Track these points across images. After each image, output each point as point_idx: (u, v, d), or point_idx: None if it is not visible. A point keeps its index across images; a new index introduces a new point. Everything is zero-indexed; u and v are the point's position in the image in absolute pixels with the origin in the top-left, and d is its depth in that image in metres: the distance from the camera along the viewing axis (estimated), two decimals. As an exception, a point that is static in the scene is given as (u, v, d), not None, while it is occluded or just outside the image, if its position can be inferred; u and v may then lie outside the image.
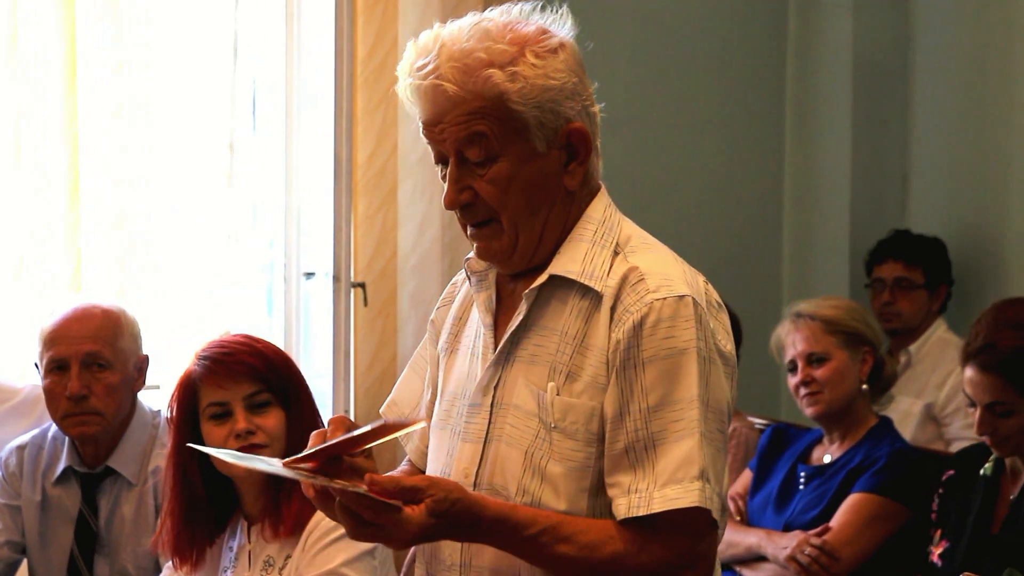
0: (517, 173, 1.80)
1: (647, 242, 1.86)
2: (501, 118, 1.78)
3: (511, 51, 1.78)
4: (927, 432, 4.10)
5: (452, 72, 1.77)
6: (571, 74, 1.81)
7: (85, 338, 2.99)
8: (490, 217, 1.82)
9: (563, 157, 1.82)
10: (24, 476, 3.07)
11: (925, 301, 4.25)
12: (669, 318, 1.75)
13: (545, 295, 1.84)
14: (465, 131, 1.78)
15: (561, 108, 1.80)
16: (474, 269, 1.91)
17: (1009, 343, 2.86)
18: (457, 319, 1.97)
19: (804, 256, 4.77)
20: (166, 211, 3.78)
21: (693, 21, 4.63)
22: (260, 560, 2.44)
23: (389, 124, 3.98)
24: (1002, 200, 4.32)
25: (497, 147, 1.79)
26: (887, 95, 4.61)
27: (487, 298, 1.89)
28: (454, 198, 1.81)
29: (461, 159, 1.81)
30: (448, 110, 1.78)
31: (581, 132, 1.82)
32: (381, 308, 4.00)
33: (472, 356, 1.91)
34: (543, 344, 1.82)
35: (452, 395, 1.92)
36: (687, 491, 1.72)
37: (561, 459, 1.79)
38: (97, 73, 3.63)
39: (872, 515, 3.16)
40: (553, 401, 1.79)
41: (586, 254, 1.82)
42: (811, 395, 3.32)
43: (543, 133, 1.79)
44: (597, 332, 1.79)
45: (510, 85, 1.77)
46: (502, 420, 1.84)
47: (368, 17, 3.95)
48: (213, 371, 2.44)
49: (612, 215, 1.87)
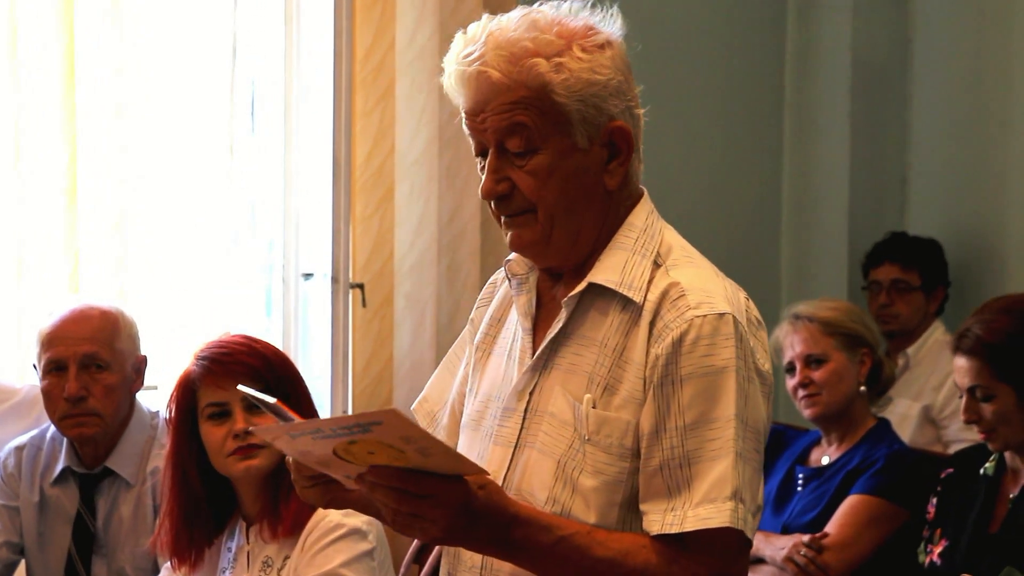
0: (557, 166, 1.78)
1: (689, 255, 1.84)
2: (544, 109, 1.76)
3: (558, 43, 1.77)
4: (925, 434, 4.11)
5: (497, 60, 1.76)
6: (617, 72, 1.80)
7: (83, 339, 2.98)
8: (525, 209, 1.80)
9: (604, 155, 1.80)
10: (22, 477, 3.07)
11: (922, 303, 4.25)
12: (709, 335, 1.73)
13: (585, 303, 1.82)
14: (507, 120, 1.77)
15: (605, 104, 1.78)
16: (514, 272, 1.90)
17: (987, 327, 2.88)
18: (495, 319, 1.96)
19: (803, 258, 4.77)
20: (165, 212, 3.77)
21: (691, 23, 4.63)
22: (259, 561, 2.44)
23: (387, 125, 3.98)
24: (1001, 202, 4.32)
25: (538, 139, 1.77)
26: (886, 97, 4.61)
27: (527, 302, 1.88)
28: (491, 188, 1.80)
29: (501, 150, 1.79)
30: (491, 98, 1.77)
31: (624, 131, 1.80)
32: (379, 309, 4.00)
33: (508, 359, 1.89)
34: (582, 354, 1.80)
35: (486, 396, 1.91)
36: (719, 511, 1.70)
37: (594, 472, 1.77)
38: (96, 74, 3.63)
39: (870, 517, 3.16)
40: (588, 414, 1.77)
41: (626, 263, 1.80)
42: (809, 397, 3.32)
43: (585, 128, 1.78)
44: (635, 347, 1.77)
45: (555, 76, 1.76)
46: (536, 427, 1.82)
47: (366, 18, 3.95)
48: (212, 371, 2.44)
49: (654, 223, 1.85)
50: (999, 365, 2.87)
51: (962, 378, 2.93)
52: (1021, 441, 2.90)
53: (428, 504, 1.61)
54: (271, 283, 4.14)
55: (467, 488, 1.63)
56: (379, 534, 2.45)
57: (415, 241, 3.99)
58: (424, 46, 3.91)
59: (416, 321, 3.96)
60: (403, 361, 3.99)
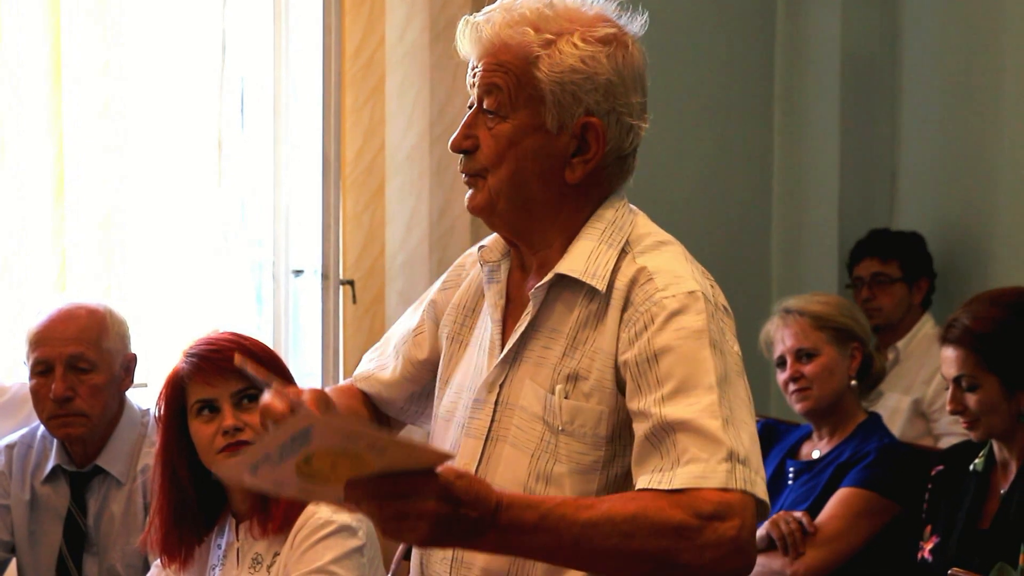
0: (518, 139, 1.79)
1: (661, 239, 1.84)
2: (522, 79, 1.78)
3: (562, 24, 1.79)
4: (915, 427, 4.12)
5: (499, 20, 1.79)
6: (613, 72, 1.80)
7: (69, 340, 2.97)
8: (479, 171, 1.82)
9: (572, 146, 1.80)
10: (13, 475, 3.07)
11: (905, 295, 4.28)
12: (680, 310, 1.73)
13: (552, 296, 1.82)
14: (488, 79, 1.80)
15: (584, 96, 1.78)
16: (487, 259, 1.90)
17: (974, 317, 2.89)
18: (468, 309, 1.96)
19: (793, 253, 4.78)
20: (154, 209, 3.77)
21: (680, 19, 4.63)
22: (248, 558, 2.44)
23: (377, 122, 3.98)
24: (990, 197, 4.33)
25: (508, 106, 1.79)
26: (875, 92, 4.62)
27: (497, 293, 1.88)
28: (458, 141, 1.82)
29: (481, 108, 1.81)
30: (483, 54, 1.80)
31: (597, 129, 1.80)
32: (369, 305, 4.00)
33: (480, 349, 1.90)
34: (550, 347, 1.81)
35: (459, 386, 1.91)
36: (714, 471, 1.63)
37: (568, 461, 1.78)
38: (82, 71, 3.62)
39: (861, 510, 3.17)
40: (561, 404, 1.78)
41: (591, 253, 1.81)
42: (800, 391, 3.33)
43: (557, 112, 1.78)
44: (604, 336, 1.77)
45: (541, 51, 1.78)
46: (507, 420, 1.82)
47: (355, 15, 3.95)
48: (201, 368, 2.44)
49: (624, 215, 1.85)
50: (985, 354, 2.88)
51: (948, 368, 2.94)
52: (1004, 431, 2.91)
53: (409, 502, 1.56)
54: (261, 280, 4.13)
55: (443, 477, 1.58)
56: (369, 530, 2.45)
57: (406, 238, 3.99)
58: (414, 42, 3.91)
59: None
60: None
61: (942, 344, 2.97)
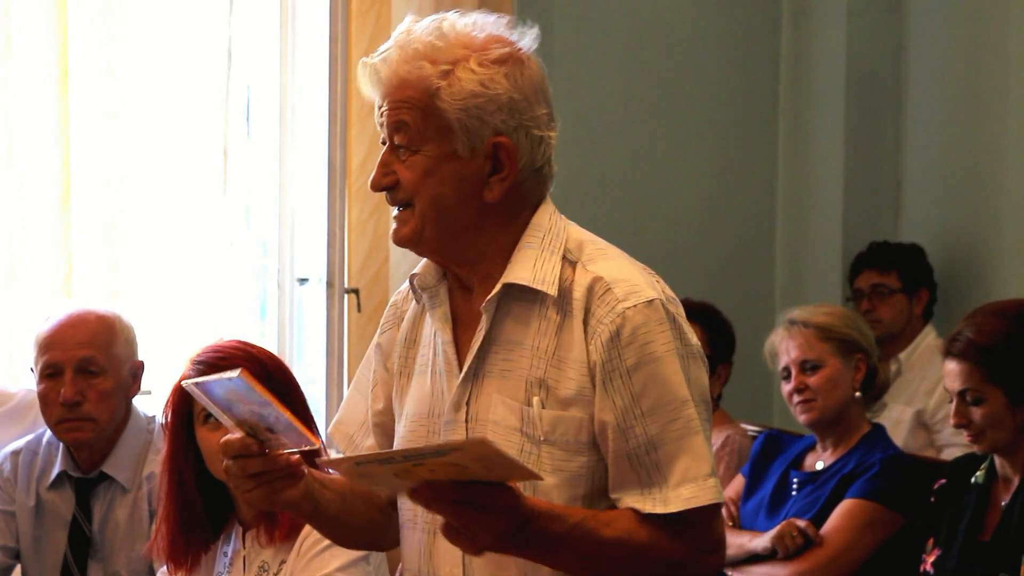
0: (433, 169, 1.82)
1: (601, 248, 1.88)
2: (427, 112, 1.80)
3: (456, 52, 1.81)
4: (918, 439, 4.12)
5: (395, 58, 1.82)
6: (513, 89, 1.82)
7: (79, 344, 2.98)
8: (406, 203, 1.84)
9: (487, 167, 1.83)
10: (19, 481, 3.07)
11: (905, 305, 4.28)
12: (643, 324, 1.79)
13: (504, 307, 1.85)
14: (395, 116, 1.82)
15: (489, 118, 1.81)
16: (424, 285, 1.92)
17: (978, 330, 2.89)
18: (409, 341, 1.97)
19: (797, 264, 4.78)
20: (159, 216, 3.77)
21: (686, 30, 4.64)
22: (255, 565, 2.44)
23: (382, 130, 3.98)
24: (994, 208, 4.33)
25: (418, 139, 1.82)
26: (880, 104, 4.62)
27: (443, 314, 1.90)
28: (377, 179, 1.85)
29: (393, 144, 1.84)
30: (386, 93, 1.83)
31: (507, 147, 1.82)
32: (374, 314, 3.99)
33: (434, 374, 1.90)
34: (513, 359, 1.83)
35: (416, 415, 1.92)
36: (703, 489, 1.78)
37: (553, 470, 1.80)
38: (90, 77, 3.63)
39: (865, 521, 3.16)
40: (540, 415, 1.80)
41: (535, 260, 1.83)
42: (804, 402, 3.33)
43: (467, 137, 1.81)
44: (572, 345, 1.80)
45: (440, 82, 1.80)
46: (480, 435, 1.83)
47: (362, 23, 3.95)
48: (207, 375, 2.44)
49: (557, 221, 1.88)
50: (990, 367, 2.87)
51: (952, 382, 2.93)
52: (1008, 444, 2.91)
53: (483, 514, 1.66)
54: (266, 288, 4.14)
55: (515, 493, 1.68)
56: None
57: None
58: (419, 51, 3.91)
59: (411, 326, 3.95)
60: (398, 366, 3.98)
61: (945, 357, 2.96)
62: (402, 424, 1.94)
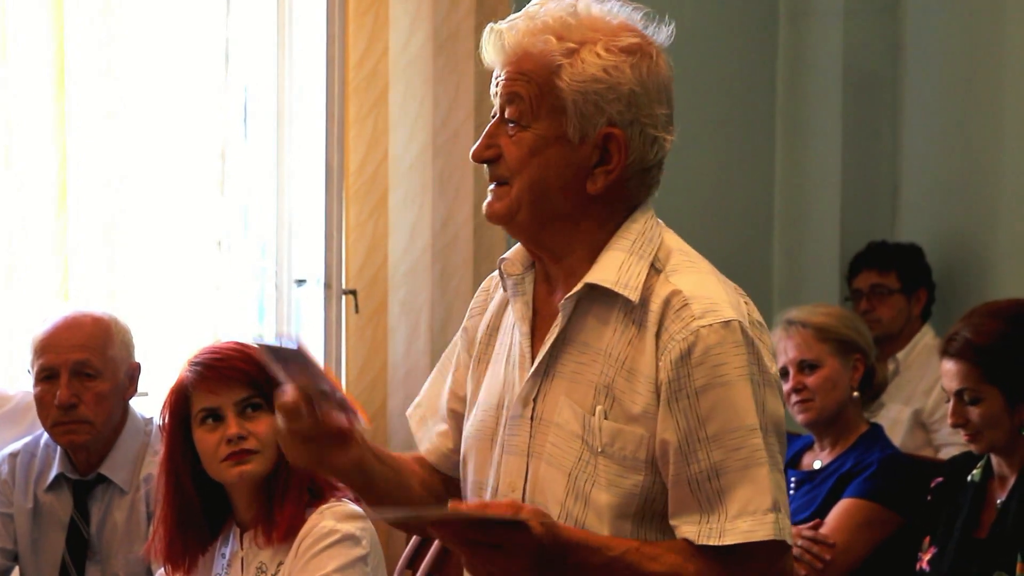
0: (540, 149, 1.77)
1: (691, 259, 1.82)
2: (544, 88, 1.76)
3: (585, 34, 1.76)
4: (916, 438, 4.12)
5: (521, 26, 1.77)
6: (636, 82, 1.77)
7: (74, 347, 2.97)
8: (504, 179, 1.79)
9: (595, 157, 1.78)
10: (16, 484, 3.06)
11: (904, 306, 4.29)
12: (718, 345, 1.72)
13: (583, 308, 1.80)
14: (510, 87, 1.77)
15: (606, 106, 1.76)
16: (510, 272, 1.87)
17: (975, 330, 2.89)
18: (492, 328, 1.93)
19: (794, 266, 4.78)
20: (156, 217, 3.77)
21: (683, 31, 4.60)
22: (252, 567, 2.44)
23: (380, 131, 3.98)
24: (992, 210, 4.34)
25: (530, 115, 1.76)
26: (877, 105, 4.63)
27: (524, 305, 1.85)
28: (480, 151, 1.80)
29: (503, 116, 1.79)
30: (505, 62, 1.78)
31: (619, 140, 1.77)
32: (372, 315, 4.00)
33: (508, 364, 1.87)
34: (585, 363, 1.78)
35: (486, 404, 1.88)
36: (761, 524, 1.70)
37: (607, 484, 1.75)
38: (87, 78, 3.62)
39: (863, 521, 3.17)
40: (601, 426, 1.75)
41: (622, 264, 1.78)
42: (802, 402, 3.33)
43: (579, 122, 1.76)
44: (643, 358, 1.75)
45: (563, 60, 1.75)
46: (542, 437, 1.80)
47: (359, 24, 3.95)
48: (205, 376, 2.45)
49: (652, 227, 1.83)
50: (987, 367, 2.88)
51: (950, 382, 2.94)
52: (1005, 443, 2.92)
53: (499, 554, 1.62)
54: (263, 289, 4.13)
55: (532, 534, 1.63)
56: (372, 540, 2.45)
57: (409, 247, 3.99)
58: (417, 52, 3.91)
59: (410, 328, 3.95)
60: (397, 368, 3.98)
61: (943, 357, 2.97)
62: (473, 412, 1.91)
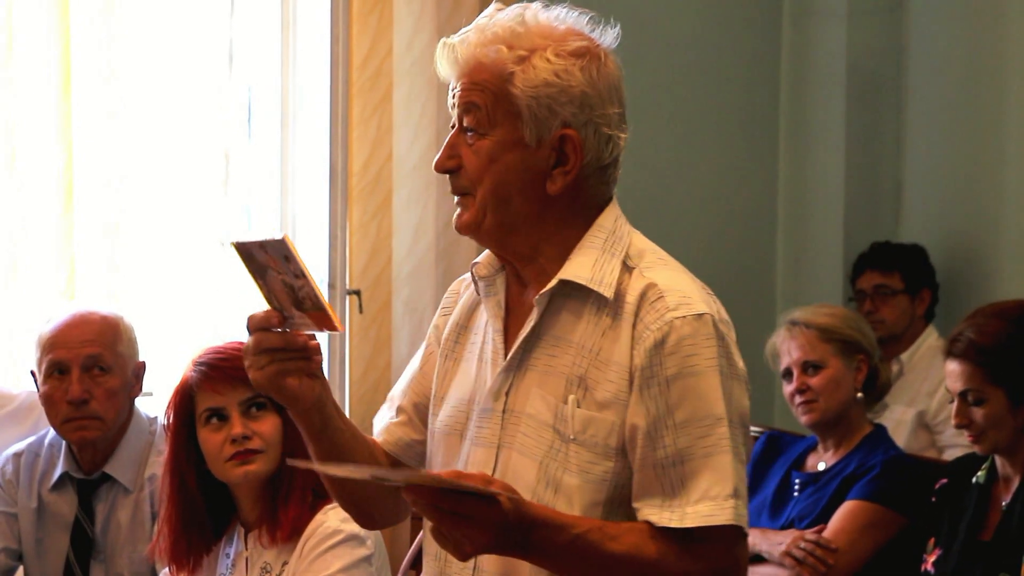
0: (499, 155, 1.82)
1: (662, 257, 1.87)
2: (498, 96, 1.81)
3: (534, 41, 1.82)
4: (920, 440, 4.12)
5: (472, 39, 1.82)
6: (587, 84, 1.82)
7: (86, 342, 2.98)
8: (467, 190, 1.84)
9: (552, 159, 1.83)
10: (20, 483, 3.07)
11: (908, 306, 4.28)
12: (690, 336, 1.77)
13: (557, 303, 1.84)
14: (466, 98, 1.83)
15: (559, 109, 1.81)
16: (481, 274, 1.92)
17: (979, 331, 2.90)
18: (460, 327, 1.97)
19: (798, 266, 4.78)
20: (160, 218, 3.78)
21: (686, 31, 4.64)
22: (257, 566, 2.44)
23: (384, 132, 3.99)
24: (995, 210, 4.33)
25: (487, 122, 1.82)
26: (881, 105, 4.63)
27: (496, 304, 1.90)
28: (442, 161, 1.85)
29: (462, 127, 1.84)
30: (460, 74, 1.83)
31: (573, 141, 1.82)
32: (376, 315, 4.00)
33: (480, 361, 1.91)
34: (558, 355, 1.83)
35: (457, 400, 1.92)
36: (721, 509, 1.75)
37: (578, 471, 1.80)
38: (91, 78, 3.63)
39: (867, 522, 3.17)
40: (574, 413, 1.80)
41: (596, 261, 1.83)
42: (806, 403, 3.33)
43: (535, 126, 1.81)
44: (617, 348, 1.80)
45: (515, 67, 1.80)
46: (514, 428, 1.84)
47: (363, 25, 3.96)
48: (209, 376, 2.45)
49: (621, 226, 1.88)
50: (991, 368, 2.88)
51: (954, 382, 2.94)
52: (1009, 444, 2.92)
53: (467, 524, 1.65)
54: (266, 289, 4.13)
55: (502, 508, 1.66)
56: (377, 539, 2.46)
57: (412, 248, 3.99)
58: (421, 52, 3.92)
59: (414, 328, 3.96)
60: (401, 368, 3.98)
61: (947, 358, 2.97)
62: (441, 408, 1.94)
